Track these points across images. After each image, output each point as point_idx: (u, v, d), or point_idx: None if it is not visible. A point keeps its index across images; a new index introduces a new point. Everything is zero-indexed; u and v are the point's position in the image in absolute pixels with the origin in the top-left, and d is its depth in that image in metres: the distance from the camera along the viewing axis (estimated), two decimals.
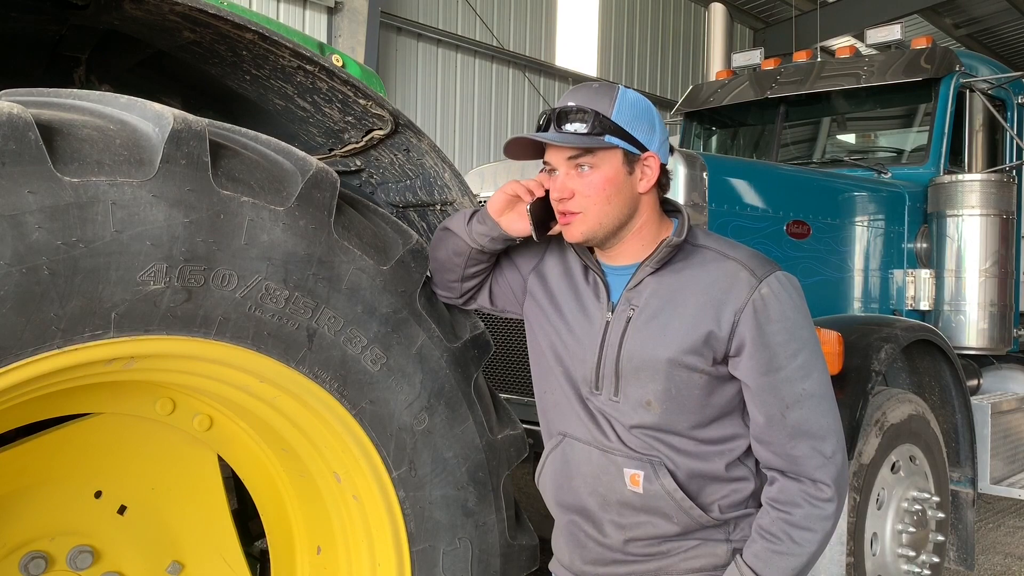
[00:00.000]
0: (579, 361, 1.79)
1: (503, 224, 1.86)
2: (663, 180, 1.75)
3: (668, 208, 1.82)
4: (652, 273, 1.73)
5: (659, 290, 1.72)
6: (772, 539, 1.63)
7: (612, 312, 1.76)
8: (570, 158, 1.69)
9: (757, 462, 1.75)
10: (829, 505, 1.63)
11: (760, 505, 1.71)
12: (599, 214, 1.69)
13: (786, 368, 1.63)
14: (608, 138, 1.65)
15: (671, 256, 1.73)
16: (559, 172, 1.72)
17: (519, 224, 1.84)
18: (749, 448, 1.74)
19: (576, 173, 1.69)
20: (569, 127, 1.66)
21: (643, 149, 1.69)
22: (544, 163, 1.77)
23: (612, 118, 1.65)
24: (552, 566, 1.96)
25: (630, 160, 1.69)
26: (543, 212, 1.81)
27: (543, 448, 1.91)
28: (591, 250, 1.83)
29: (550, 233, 1.85)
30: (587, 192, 1.68)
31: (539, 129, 1.71)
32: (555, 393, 1.84)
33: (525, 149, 1.77)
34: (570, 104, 1.67)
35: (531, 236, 1.84)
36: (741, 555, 1.68)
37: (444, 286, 2.02)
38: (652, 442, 1.71)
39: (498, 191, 1.86)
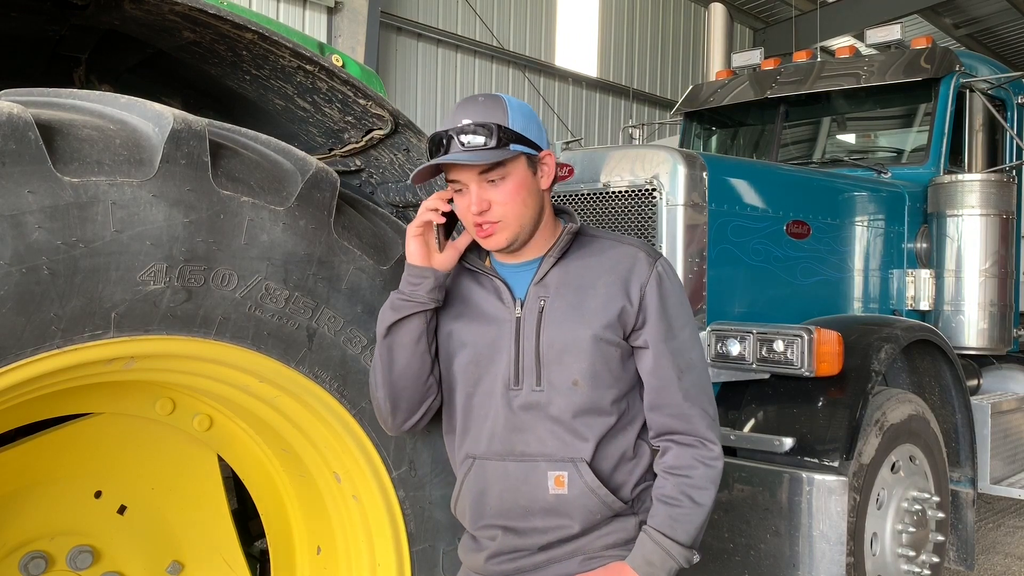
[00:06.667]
0: (495, 365, 1.81)
1: (436, 264, 1.81)
2: (556, 174, 1.86)
3: (556, 210, 1.92)
4: (556, 264, 1.83)
5: (566, 278, 1.83)
6: (675, 503, 1.76)
7: (521, 308, 1.82)
8: (482, 172, 1.74)
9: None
10: (718, 463, 1.81)
11: (654, 477, 1.83)
12: (519, 217, 1.77)
13: (679, 337, 1.82)
14: (513, 147, 1.73)
15: (570, 244, 1.85)
16: (471, 188, 1.75)
17: (447, 255, 1.83)
18: (644, 423, 1.86)
19: (489, 186, 1.75)
20: (474, 142, 1.71)
21: (539, 149, 1.79)
22: (451, 182, 1.78)
23: (510, 127, 1.74)
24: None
25: (532, 162, 1.79)
26: (447, 229, 1.87)
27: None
28: (479, 256, 1.89)
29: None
30: (504, 200, 1.75)
31: (438, 152, 1.74)
32: (475, 413, 1.84)
33: (427, 170, 1.78)
34: (467, 122, 1.72)
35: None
36: (648, 524, 1.77)
37: (415, 402, 1.87)
38: (576, 430, 1.77)
39: (408, 244, 1.81)
